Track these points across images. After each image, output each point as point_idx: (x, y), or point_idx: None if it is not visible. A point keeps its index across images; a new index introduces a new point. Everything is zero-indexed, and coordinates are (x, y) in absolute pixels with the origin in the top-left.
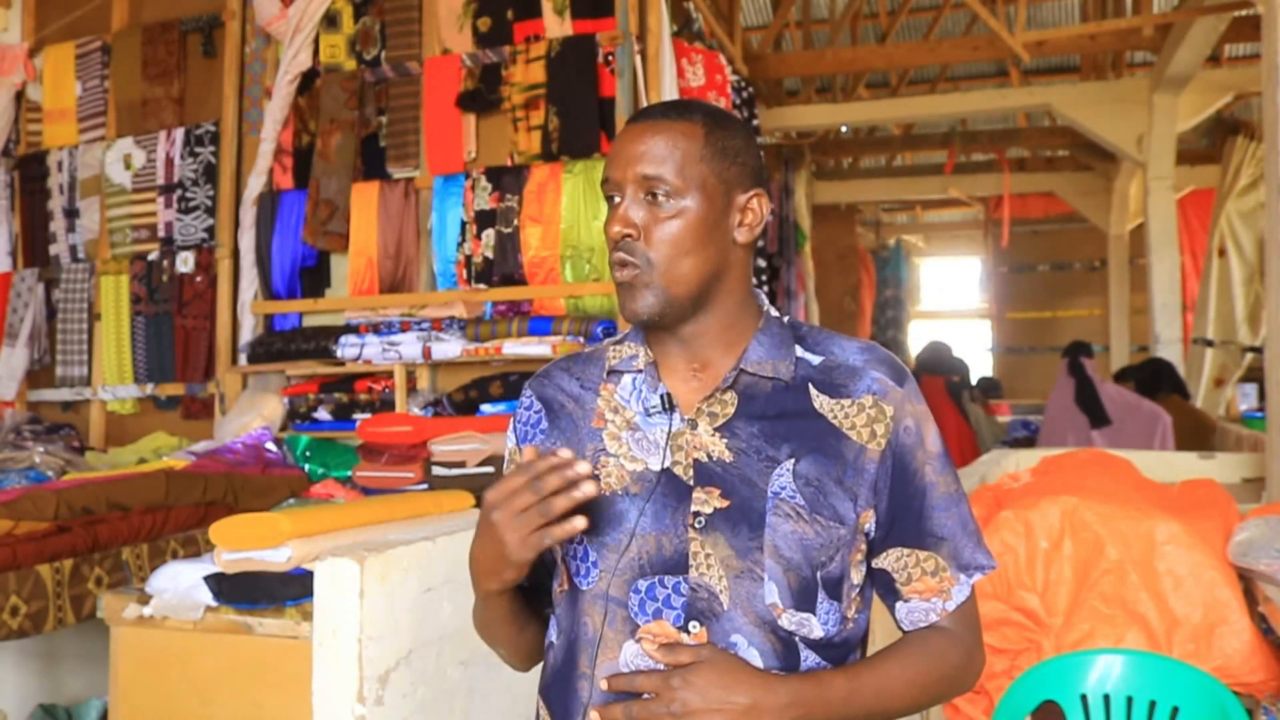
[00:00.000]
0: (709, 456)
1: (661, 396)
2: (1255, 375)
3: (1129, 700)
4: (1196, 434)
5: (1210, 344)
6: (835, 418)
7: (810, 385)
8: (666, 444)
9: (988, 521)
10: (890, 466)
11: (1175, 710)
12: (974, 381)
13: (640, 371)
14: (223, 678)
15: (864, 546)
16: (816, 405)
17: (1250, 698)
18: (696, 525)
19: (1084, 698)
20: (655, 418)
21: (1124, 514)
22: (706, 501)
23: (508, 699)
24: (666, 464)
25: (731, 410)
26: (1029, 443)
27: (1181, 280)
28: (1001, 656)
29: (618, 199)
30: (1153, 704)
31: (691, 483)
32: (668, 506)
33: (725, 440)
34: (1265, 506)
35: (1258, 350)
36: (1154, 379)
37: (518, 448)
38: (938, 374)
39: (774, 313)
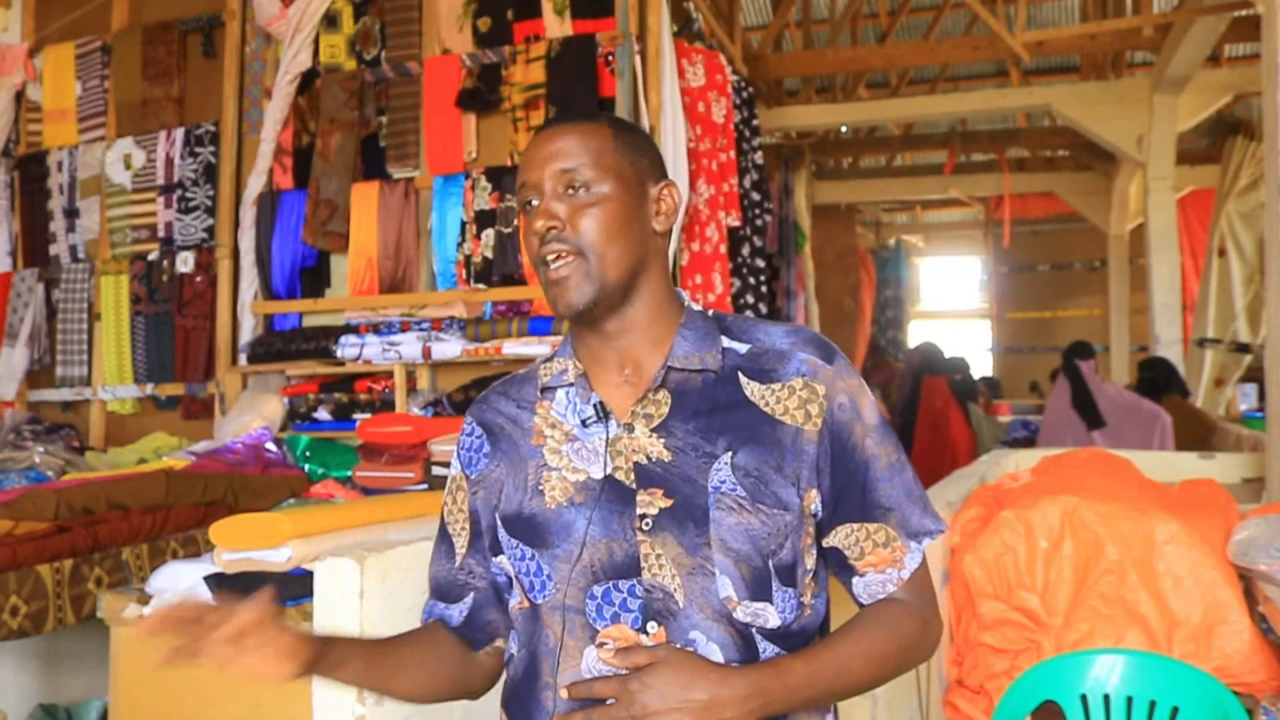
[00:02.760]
0: (648, 458)
1: (595, 406)
2: (1255, 375)
3: (1129, 700)
4: (1197, 434)
5: (1204, 343)
6: (767, 404)
7: (739, 374)
8: (605, 451)
9: (988, 521)
10: (829, 445)
11: (1175, 710)
12: (975, 381)
13: (571, 385)
14: (223, 678)
15: (812, 530)
16: (747, 393)
17: (1250, 698)
18: (644, 527)
19: (1084, 698)
20: (592, 427)
21: (1124, 514)
22: (651, 503)
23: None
24: (608, 470)
25: (666, 410)
26: (1029, 443)
27: (1181, 280)
28: (1001, 656)
29: (536, 201)
30: (1153, 704)
31: (634, 486)
32: (614, 512)
33: (663, 440)
34: (1265, 506)
35: (1245, 349)
36: (1162, 380)
37: (463, 474)
38: (938, 374)
39: (696, 307)
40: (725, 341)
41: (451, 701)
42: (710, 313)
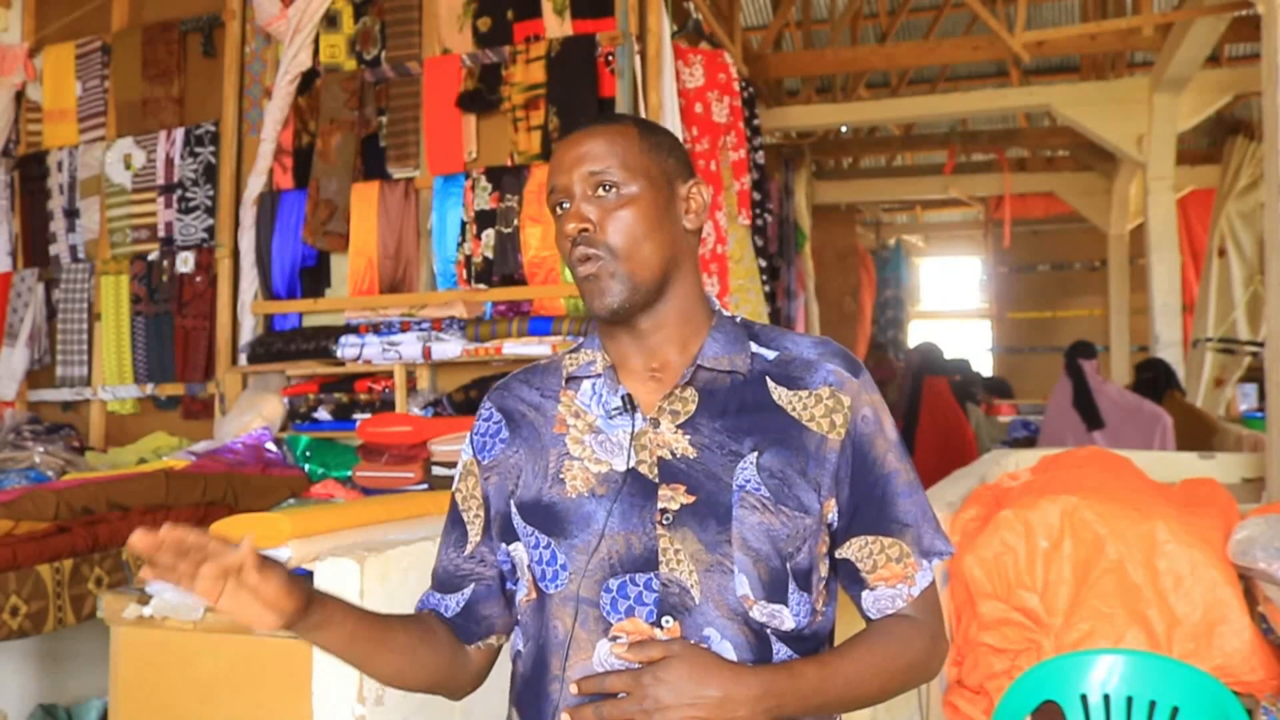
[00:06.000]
0: (673, 454)
1: (622, 398)
2: (1255, 375)
3: (1129, 700)
4: (1197, 434)
5: (1198, 344)
6: (794, 410)
7: (767, 379)
8: (630, 444)
9: (987, 521)
10: (850, 456)
11: (1175, 710)
12: (978, 381)
13: (599, 376)
14: (223, 678)
15: (827, 539)
16: (775, 398)
17: (1250, 697)
18: (664, 522)
19: (1084, 698)
20: (617, 419)
21: (1124, 513)
22: (673, 498)
23: (508, 698)
24: (631, 464)
25: (693, 407)
26: (1029, 443)
27: (1182, 280)
28: (1001, 656)
29: (567, 204)
30: (1153, 704)
31: (657, 480)
32: (635, 505)
33: (688, 437)
34: (1265, 506)
35: (1232, 346)
36: (1163, 380)
37: (474, 459)
38: (940, 375)
39: (725, 312)
40: (753, 347)
41: (432, 695)
42: (738, 319)
